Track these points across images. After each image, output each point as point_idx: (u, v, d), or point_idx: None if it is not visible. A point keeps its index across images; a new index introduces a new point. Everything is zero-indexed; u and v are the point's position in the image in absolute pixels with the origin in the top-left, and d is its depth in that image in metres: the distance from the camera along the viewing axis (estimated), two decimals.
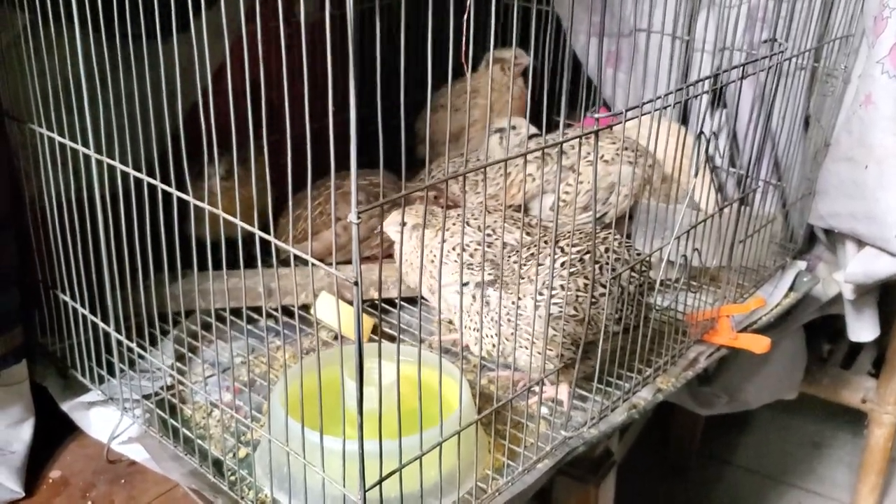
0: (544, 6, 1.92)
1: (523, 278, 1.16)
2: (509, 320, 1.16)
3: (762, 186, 1.54)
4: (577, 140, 0.99)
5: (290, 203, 0.90)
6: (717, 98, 1.74)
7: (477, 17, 0.85)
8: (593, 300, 1.15)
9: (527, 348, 1.17)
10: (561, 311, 1.16)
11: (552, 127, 1.66)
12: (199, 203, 0.95)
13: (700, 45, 1.75)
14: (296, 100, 0.79)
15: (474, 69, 1.91)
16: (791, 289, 1.70)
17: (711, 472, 2.58)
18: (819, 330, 2.17)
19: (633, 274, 1.21)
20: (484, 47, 1.84)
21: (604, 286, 1.15)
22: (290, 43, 0.80)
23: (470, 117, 1.89)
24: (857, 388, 2.21)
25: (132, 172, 1.02)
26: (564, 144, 1.56)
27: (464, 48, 0.77)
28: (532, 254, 1.20)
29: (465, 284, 1.19)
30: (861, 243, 1.65)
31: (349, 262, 1.58)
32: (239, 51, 0.84)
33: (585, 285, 1.15)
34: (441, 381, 0.98)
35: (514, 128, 1.70)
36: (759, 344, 1.39)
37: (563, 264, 1.17)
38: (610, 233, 1.22)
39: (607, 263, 1.18)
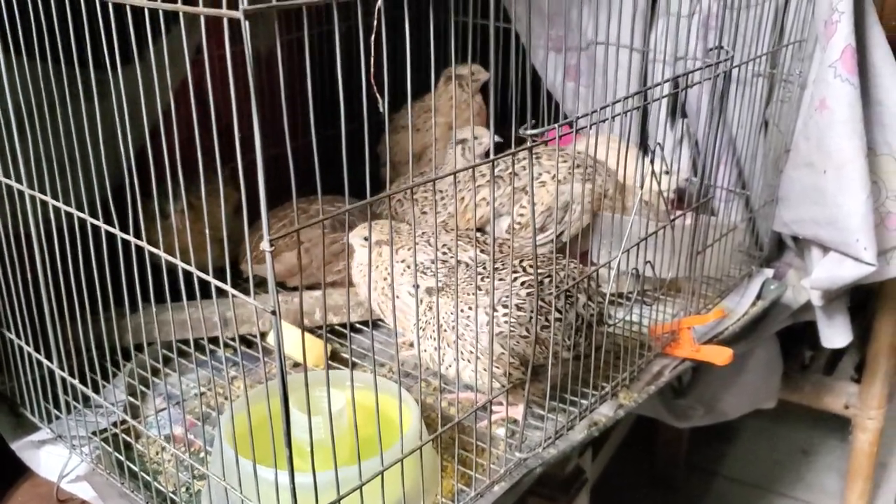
0: (502, 23, 1.92)
1: (479, 290, 1.15)
2: (452, 327, 1.15)
3: (723, 195, 1.53)
4: (511, 157, 0.97)
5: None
6: (675, 108, 1.74)
7: (436, 35, 0.85)
8: (545, 324, 1.14)
9: (469, 362, 1.15)
10: (513, 331, 1.15)
11: (517, 143, 1.65)
12: (139, 243, 0.93)
13: (658, 55, 1.74)
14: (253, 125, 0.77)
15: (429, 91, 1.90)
16: (758, 297, 1.68)
17: (698, 484, 2.56)
18: (799, 337, 2.15)
19: (590, 302, 1.19)
20: (444, 65, 1.86)
21: (559, 311, 1.13)
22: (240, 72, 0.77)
23: (431, 136, 1.89)
24: (840, 393, 2.20)
25: (75, 213, 1.00)
26: (519, 167, 1.57)
27: (373, 76, 0.75)
28: (495, 268, 1.19)
29: (416, 287, 1.19)
30: (826, 249, 1.63)
31: (314, 286, 1.60)
32: (193, 80, 0.82)
33: (541, 308, 1.13)
34: (376, 404, 0.96)
35: (476, 138, 1.69)
36: (720, 356, 1.37)
37: (523, 283, 1.16)
38: (572, 262, 1.21)
39: (567, 290, 1.16)
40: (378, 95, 0.78)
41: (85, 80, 0.95)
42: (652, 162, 1.21)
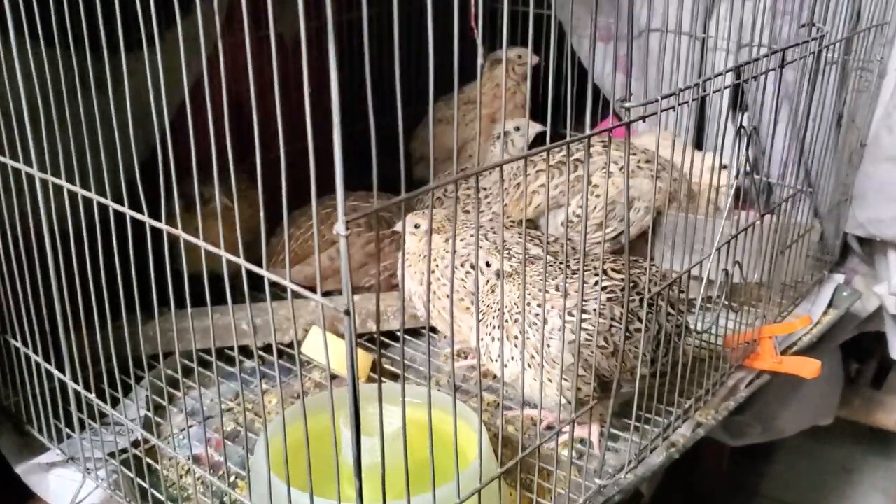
0: (545, 10, 1.79)
1: (549, 290, 1.01)
2: (517, 321, 1.01)
3: (796, 193, 1.39)
4: (587, 141, 0.83)
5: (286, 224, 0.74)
6: (737, 100, 1.60)
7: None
8: (627, 335, 0.99)
9: (530, 367, 1.01)
10: (588, 340, 1.01)
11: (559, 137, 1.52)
12: (173, 230, 0.79)
13: (718, 42, 1.60)
14: (284, 116, 0.64)
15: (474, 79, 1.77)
16: (830, 305, 1.54)
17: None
18: (847, 347, 2.02)
19: (672, 311, 1.05)
20: (481, 54, 1.73)
21: (640, 320, 0.99)
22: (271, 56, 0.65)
23: (472, 129, 1.75)
24: (891, 409, 2.08)
25: (95, 197, 0.86)
26: (576, 150, 1.43)
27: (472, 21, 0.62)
28: (562, 264, 1.05)
29: (488, 265, 1.06)
30: None
31: (339, 291, 1.46)
32: (217, 65, 0.69)
33: (621, 315, 0.99)
34: (455, 426, 0.82)
35: (517, 129, 1.56)
36: (808, 368, 1.23)
37: (604, 288, 1.02)
38: (652, 265, 1.06)
39: (650, 298, 1.02)
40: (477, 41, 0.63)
41: (101, 66, 0.82)
42: (747, 149, 1.07)
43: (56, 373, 1.05)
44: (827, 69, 1.47)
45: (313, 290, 1.46)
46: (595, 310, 1.00)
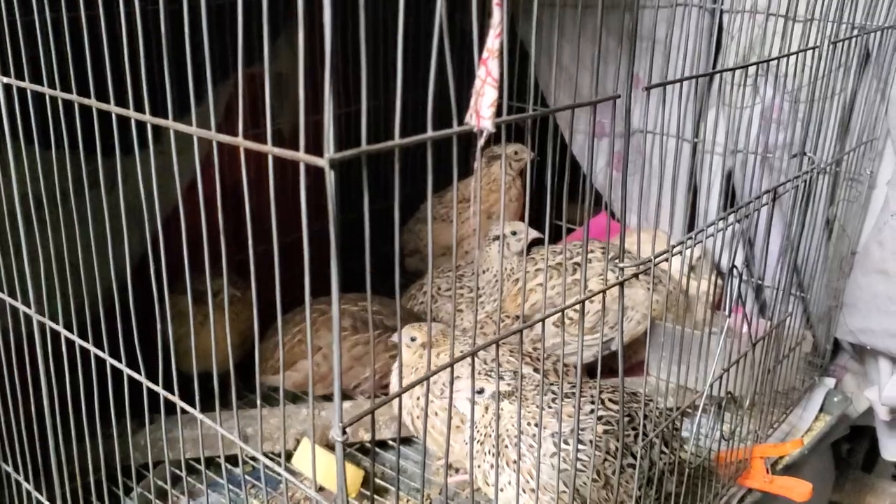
0: (540, 106, 1.81)
1: (547, 409, 1.01)
2: (514, 444, 1.01)
3: (786, 317, 1.40)
4: (602, 293, 0.84)
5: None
6: (726, 205, 1.62)
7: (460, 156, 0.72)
8: (620, 469, 1.00)
9: (525, 492, 1.00)
10: (582, 470, 1.00)
11: (550, 231, 1.54)
12: (152, 386, 0.79)
13: (709, 146, 1.63)
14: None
15: (469, 174, 1.79)
16: (821, 410, 1.55)
17: None
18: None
19: (666, 449, 1.05)
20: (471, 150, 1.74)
21: (634, 456, 0.99)
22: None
23: (466, 226, 1.77)
24: (882, 494, 2.05)
25: (78, 341, 0.86)
26: (576, 254, 1.44)
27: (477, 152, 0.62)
28: (565, 393, 1.05)
29: (480, 392, 1.05)
30: None
31: (328, 396, 1.46)
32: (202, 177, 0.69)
33: (617, 449, 0.99)
34: None
35: (514, 233, 1.57)
36: (799, 490, 1.23)
37: (600, 419, 1.02)
38: (649, 398, 1.07)
39: (644, 432, 1.02)
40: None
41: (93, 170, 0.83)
42: (739, 286, 1.08)
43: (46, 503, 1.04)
44: (819, 180, 1.49)
45: (304, 395, 1.45)
46: (591, 441, 1.00)
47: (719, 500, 1.25)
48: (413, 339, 1.29)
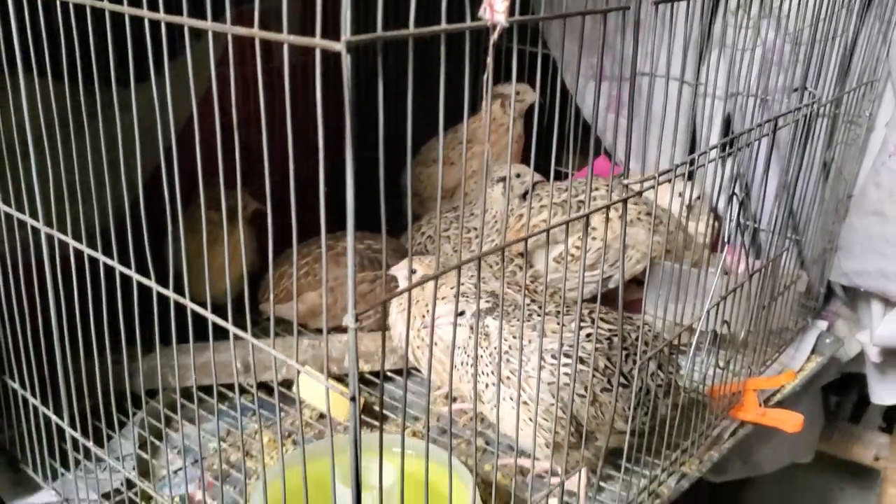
0: (540, 49, 1.81)
1: (534, 330, 1.03)
2: (508, 360, 1.03)
3: (783, 251, 1.42)
4: (604, 209, 0.85)
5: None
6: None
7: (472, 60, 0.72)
8: (607, 387, 1.02)
9: (513, 407, 1.02)
10: (568, 384, 1.02)
11: (550, 176, 1.54)
12: (161, 290, 0.81)
13: (709, 89, 1.63)
14: (278, 149, 0.65)
15: (473, 112, 1.79)
16: (813, 351, 1.57)
17: None
18: (828, 383, 2.05)
19: (660, 371, 1.07)
20: (478, 91, 1.74)
21: (625, 377, 1.01)
22: (269, 88, 0.66)
23: (468, 168, 1.77)
24: (869, 444, 2.10)
25: (86, 250, 0.87)
26: (581, 192, 1.45)
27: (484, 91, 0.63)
28: (558, 312, 1.07)
29: (461, 314, 1.06)
30: (889, 303, 1.52)
31: (340, 329, 1.47)
32: (211, 98, 0.70)
33: (605, 367, 1.01)
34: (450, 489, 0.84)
35: (517, 175, 1.58)
36: (790, 422, 1.26)
37: (588, 335, 1.04)
38: (646, 324, 1.09)
39: (634, 353, 1.04)
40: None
41: (96, 100, 0.83)
42: (739, 214, 1.09)
43: (53, 417, 1.05)
44: (816, 122, 1.50)
45: (304, 327, 1.47)
46: (581, 358, 1.02)
47: (712, 431, 1.28)
48: (414, 272, 1.31)
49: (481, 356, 1.06)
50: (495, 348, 1.05)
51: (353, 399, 0.65)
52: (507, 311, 1.07)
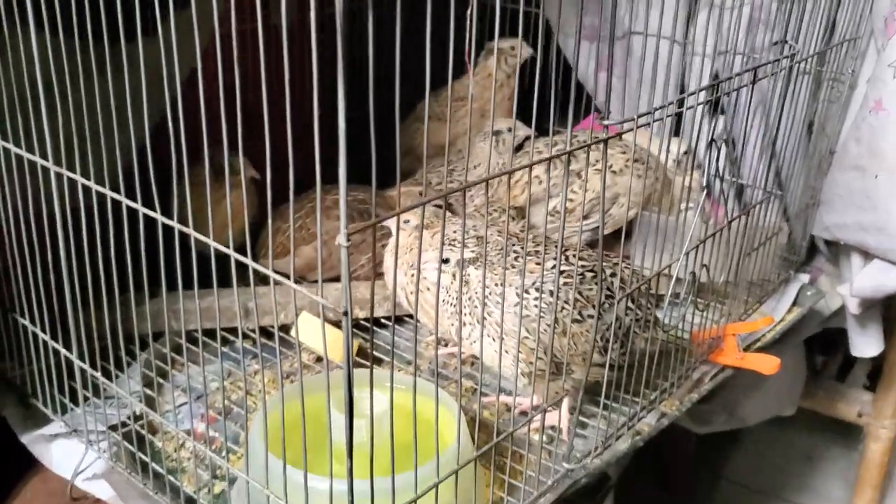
0: (533, 8, 1.85)
1: (513, 268, 1.09)
2: (487, 305, 1.09)
3: (764, 200, 1.46)
4: (585, 147, 0.90)
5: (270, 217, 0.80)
6: (716, 104, 1.67)
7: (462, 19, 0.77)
8: (578, 319, 1.07)
9: (494, 340, 1.09)
10: (542, 315, 1.08)
11: (543, 134, 1.58)
12: (167, 221, 0.85)
13: (698, 48, 1.67)
14: (275, 105, 0.70)
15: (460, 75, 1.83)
16: (795, 303, 1.63)
17: (704, 488, 2.51)
18: (813, 341, 2.11)
19: (631, 306, 1.12)
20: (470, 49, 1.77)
21: (595, 308, 1.07)
22: (267, 45, 0.70)
23: (461, 125, 1.81)
24: (853, 401, 2.16)
25: (94, 187, 0.92)
26: (573, 144, 1.49)
27: (467, 47, 0.68)
28: (535, 251, 1.13)
29: (446, 261, 1.13)
30: (869, 256, 1.57)
31: (334, 279, 1.52)
32: (213, 53, 0.74)
33: (576, 301, 1.07)
34: (422, 411, 0.89)
35: (509, 129, 1.62)
36: (767, 364, 1.32)
37: (562, 272, 1.09)
38: (625, 262, 1.14)
39: (608, 288, 1.09)
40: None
41: (104, 54, 0.87)
42: (717, 160, 1.14)
43: (63, 350, 1.11)
44: (800, 79, 1.54)
45: (304, 279, 1.52)
46: (551, 291, 1.07)
47: (692, 374, 1.34)
48: (407, 222, 1.35)
49: (465, 302, 1.12)
50: (476, 293, 1.11)
51: (345, 313, 0.69)
52: (492, 260, 1.12)
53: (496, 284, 1.10)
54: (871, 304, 1.68)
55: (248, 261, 0.78)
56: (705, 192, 1.13)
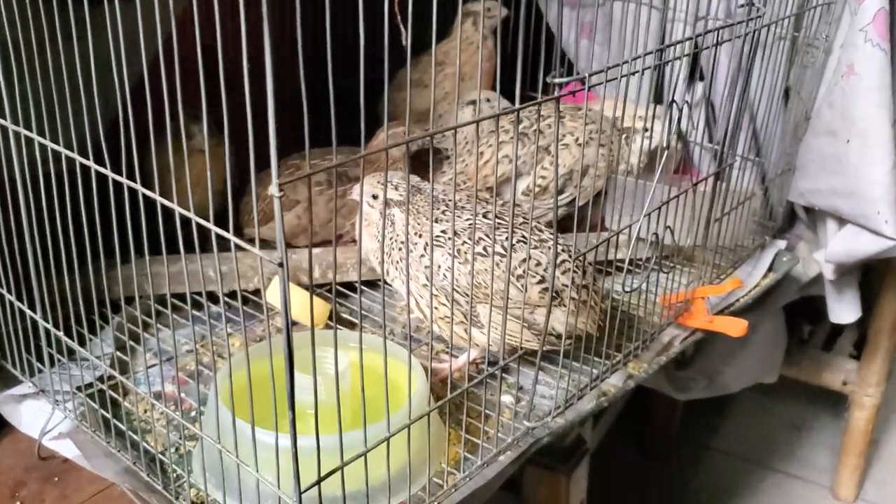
0: None
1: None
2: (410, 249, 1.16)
3: (739, 161, 1.47)
4: (537, 109, 0.90)
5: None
6: (694, 70, 1.67)
7: None
8: (483, 253, 1.12)
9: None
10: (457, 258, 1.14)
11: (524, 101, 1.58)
12: (136, 187, 0.86)
13: (677, 14, 1.66)
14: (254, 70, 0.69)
15: (447, 35, 1.83)
16: (770, 269, 1.63)
17: (690, 457, 2.53)
18: (799, 311, 2.12)
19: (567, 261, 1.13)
20: (453, 12, 1.77)
21: (499, 253, 1.12)
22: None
23: (440, 90, 1.81)
24: (838, 370, 2.18)
25: (63, 151, 0.92)
26: (542, 125, 1.50)
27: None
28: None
29: (374, 197, 1.23)
30: (842, 221, 1.58)
31: (320, 244, 1.53)
32: (190, 15, 0.73)
33: (480, 239, 1.13)
34: (385, 366, 0.90)
35: (487, 100, 1.62)
36: (735, 327, 1.32)
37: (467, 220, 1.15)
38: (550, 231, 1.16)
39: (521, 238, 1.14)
40: (402, 27, 0.70)
41: (77, 16, 0.87)
42: (678, 123, 1.14)
43: (28, 311, 1.12)
44: (777, 44, 1.53)
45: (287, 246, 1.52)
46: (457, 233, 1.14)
47: (662, 337, 1.35)
48: (375, 197, 1.34)
49: (389, 239, 1.20)
50: (398, 235, 1.19)
51: (280, 265, 0.70)
52: (419, 209, 1.18)
53: (417, 235, 1.16)
54: (846, 270, 1.69)
55: (210, 225, 0.79)
56: (665, 153, 1.13)
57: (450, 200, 1.16)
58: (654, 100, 1.76)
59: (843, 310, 1.78)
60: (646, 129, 1.43)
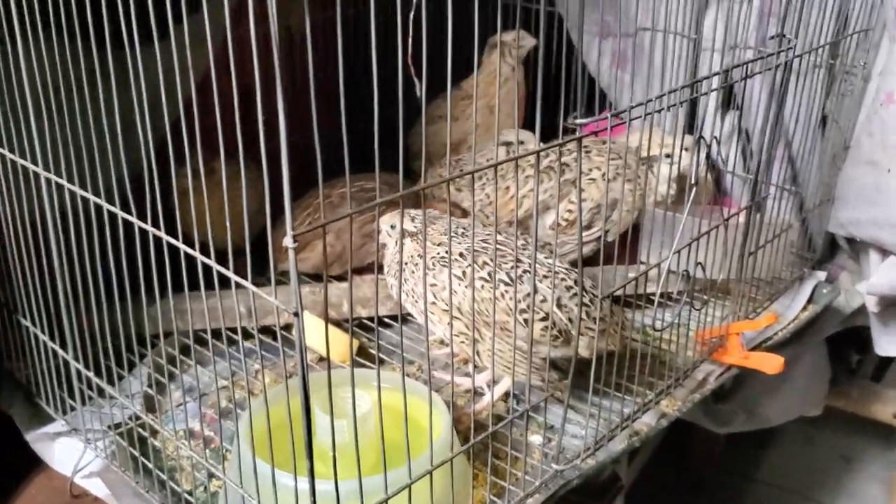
0: (533, 4, 1.83)
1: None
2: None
3: (775, 192, 1.43)
4: (559, 148, 0.90)
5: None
6: (730, 100, 1.64)
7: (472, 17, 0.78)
8: (485, 278, 1.13)
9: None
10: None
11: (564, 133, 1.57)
12: (156, 232, 0.86)
13: (709, 43, 1.64)
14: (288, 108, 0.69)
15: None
16: (810, 301, 1.59)
17: (733, 489, 2.46)
18: (847, 340, 2.06)
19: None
20: (480, 50, 1.76)
21: (504, 282, 1.13)
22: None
23: (468, 124, 1.80)
24: (889, 402, 2.11)
25: (91, 198, 0.94)
26: (568, 159, 1.48)
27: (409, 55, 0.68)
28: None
29: (393, 227, 1.28)
30: (885, 252, 1.53)
31: (337, 277, 1.54)
32: (224, 59, 0.73)
33: (484, 263, 1.15)
34: (405, 408, 0.89)
35: (522, 142, 1.61)
36: (770, 364, 1.29)
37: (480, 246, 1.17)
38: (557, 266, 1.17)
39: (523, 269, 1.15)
40: (415, 78, 0.70)
41: (107, 61, 0.88)
42: (707, 157, 1.12)
43: (60, 351, 1.14)
44: (813, 72, 1.50)
45: (319, 277, 1.52)
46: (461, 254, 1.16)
47: (697, 375, 1.32)
48: (393, 227, 1.34)
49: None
50: (408, 260, 1.23)
51: (295, 314, 0.70)
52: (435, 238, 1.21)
53: (420, 256, 1.18)
54: (892, 302, 1.64)
55: (212, 263, 0.79)
56: (694, 188, 1.11)
57: (465, 229, 1.19)
58: (686, 129, 1.74)
59: (890, 342, 1.72)
60: (667, 156, 1.41)
